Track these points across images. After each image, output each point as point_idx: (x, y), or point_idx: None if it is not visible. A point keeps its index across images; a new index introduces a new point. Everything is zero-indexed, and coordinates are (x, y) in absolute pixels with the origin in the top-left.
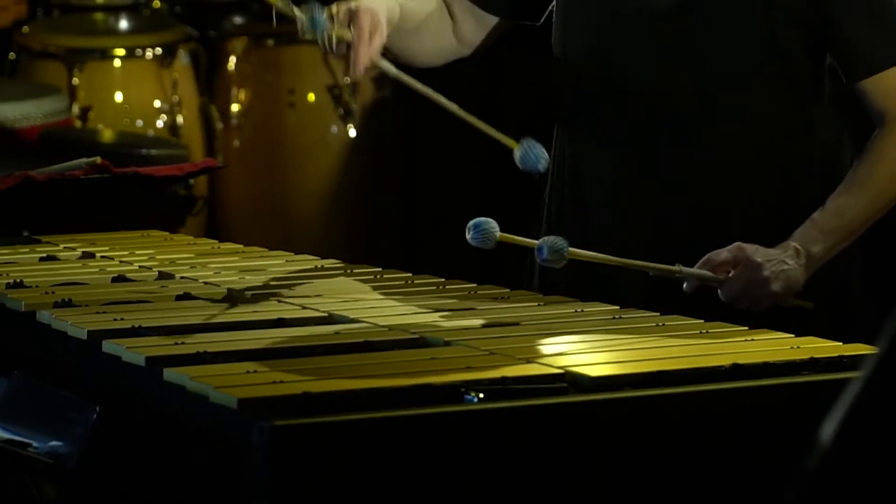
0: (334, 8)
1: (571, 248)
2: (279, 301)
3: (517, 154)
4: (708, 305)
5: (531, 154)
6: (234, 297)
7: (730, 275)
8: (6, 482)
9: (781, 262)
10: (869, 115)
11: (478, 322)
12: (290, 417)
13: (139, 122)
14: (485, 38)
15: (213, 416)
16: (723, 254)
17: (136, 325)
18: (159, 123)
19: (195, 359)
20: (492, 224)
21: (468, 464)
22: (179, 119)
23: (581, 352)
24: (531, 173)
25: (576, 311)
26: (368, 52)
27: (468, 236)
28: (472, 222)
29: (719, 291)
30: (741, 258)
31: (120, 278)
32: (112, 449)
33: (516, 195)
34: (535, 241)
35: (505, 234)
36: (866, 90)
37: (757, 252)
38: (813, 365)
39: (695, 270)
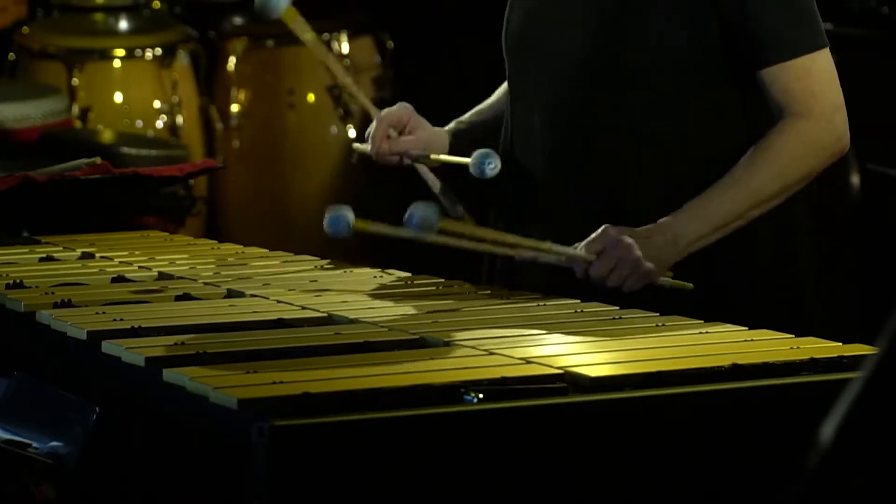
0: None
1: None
2: (279, 301)
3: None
4: (708, 305)
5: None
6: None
7: (601, 254)
8: (6, 482)
9: (646, 240)
10: (770, 109)
11: (478, 322)
12: (289, 418)
13: (139, 123)
14: None
15: (213, 417)
16: (591, 237)
17: (136, 326)
18: (159, 124)
19: (195, 359)
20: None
21: (468, 464)
22: (179, 119)
23: (581, 352)
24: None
25: (576, 311)
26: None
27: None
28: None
29: (588, 270)
30: (610, 238)
31: (119, 278)
32: (112, 449)
33: None
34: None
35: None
36: (767, 81)
37: (623, 232)
38: (813, 365)
39: (564, 249)
